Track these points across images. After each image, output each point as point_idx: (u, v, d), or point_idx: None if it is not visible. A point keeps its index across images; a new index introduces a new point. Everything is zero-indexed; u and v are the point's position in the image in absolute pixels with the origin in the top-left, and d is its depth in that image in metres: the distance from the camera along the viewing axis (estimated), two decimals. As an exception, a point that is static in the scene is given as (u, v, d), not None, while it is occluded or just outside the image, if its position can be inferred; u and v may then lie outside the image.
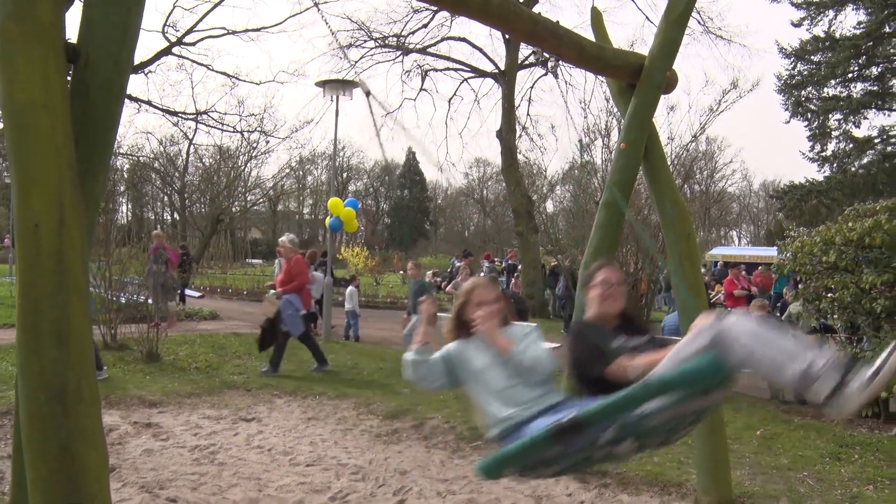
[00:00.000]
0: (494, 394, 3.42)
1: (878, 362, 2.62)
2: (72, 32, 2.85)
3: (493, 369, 3.44)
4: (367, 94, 4.88)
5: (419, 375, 3.56)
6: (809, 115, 30.95)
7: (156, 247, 14.84)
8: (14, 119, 2.60)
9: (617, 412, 2.94)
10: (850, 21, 41.85)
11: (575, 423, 2.95)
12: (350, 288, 14.92)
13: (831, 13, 29.84)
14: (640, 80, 5.28)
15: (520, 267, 23.10)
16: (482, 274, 16.86)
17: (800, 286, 9.87)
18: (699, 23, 21.96)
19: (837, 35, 29.64)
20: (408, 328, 11.20)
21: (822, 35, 30.02)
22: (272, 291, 10.27)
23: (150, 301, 11.40)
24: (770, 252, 27.24)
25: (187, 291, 21.80)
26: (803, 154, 31.54)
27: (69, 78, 2.83)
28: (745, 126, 68.22)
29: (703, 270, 7.47)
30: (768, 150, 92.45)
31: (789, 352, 2.74)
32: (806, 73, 31.01)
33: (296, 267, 10.20)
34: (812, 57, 30.75)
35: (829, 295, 8.75)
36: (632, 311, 3.87)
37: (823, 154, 31.05)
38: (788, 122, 31.60)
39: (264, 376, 9.61)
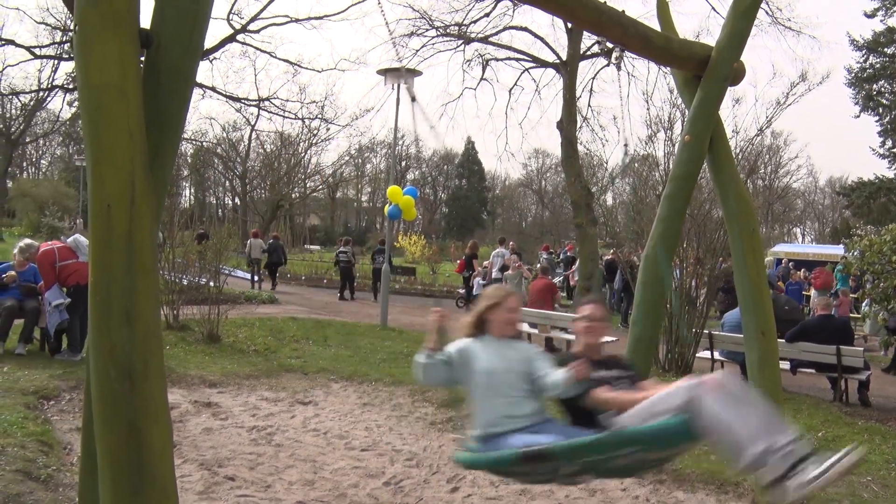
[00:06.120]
0: (491, 398, 3.61)
1: (825, 464, 2.74)
2: (145, 19, 2.92)
3: (500, 375, 3.63)
4: (413, 99, 4.92)
5: (426, 376, 3.76)
6: (881, 110, 30.06)
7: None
8: (90, 101, 2.67)
9: (584, 454, 3.18)
10: (927, 12, 40.38)
11: (542, 454, 3.22)
12: (477, 280, 15.36)
13: (907, 4, 28.91)
14: (706, 72, 5.19)
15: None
16: (539, 264, 16.77)
17: (867, 286, 9.59)
18: (767, 13, 21.37)
19: (913, 27, 28.72)
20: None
21: (897, 27, 29.09)
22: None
23: (212, 284, 11.56)
24: (835, 250, 26.55)
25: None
26: (873, 150, 30.68)
27: (142, 63, 2.90)
28: (812, 120, 66.59)
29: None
30: (836, 145, 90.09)
31: (754, 431, 2.90)
32: (878, 65, 30.10)
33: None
34: (885, 49, 29.81)
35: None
36: (615, 353, 4.32)
37: (895, 150, 30.08)
38: (858, 116, 30.80)
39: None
